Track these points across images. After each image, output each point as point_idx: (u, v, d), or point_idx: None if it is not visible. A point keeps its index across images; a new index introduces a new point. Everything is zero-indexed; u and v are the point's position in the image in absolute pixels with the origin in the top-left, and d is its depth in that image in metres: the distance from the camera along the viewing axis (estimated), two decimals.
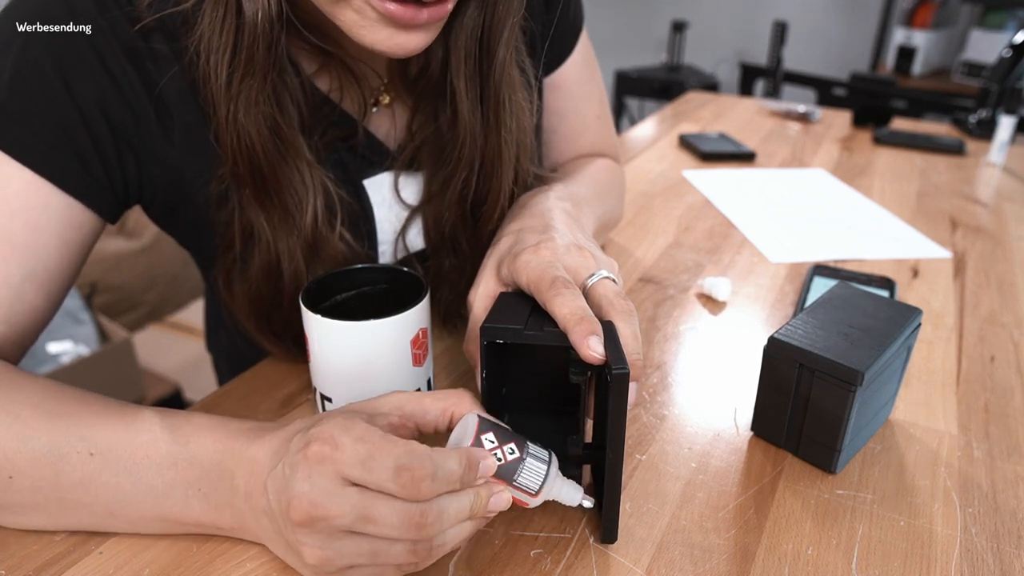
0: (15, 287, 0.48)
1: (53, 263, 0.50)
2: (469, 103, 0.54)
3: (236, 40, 0.46)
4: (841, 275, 0.72)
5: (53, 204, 0.49)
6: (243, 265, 0.54)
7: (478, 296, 0.49)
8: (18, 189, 0.48)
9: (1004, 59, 1.23)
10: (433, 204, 0.59)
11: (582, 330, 0.40)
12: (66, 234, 0.50)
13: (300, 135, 0.51)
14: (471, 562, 0.41)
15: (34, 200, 0.48)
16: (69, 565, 0.40)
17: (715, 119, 1.33)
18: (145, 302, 2.25)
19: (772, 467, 0.49)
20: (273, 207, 0.52)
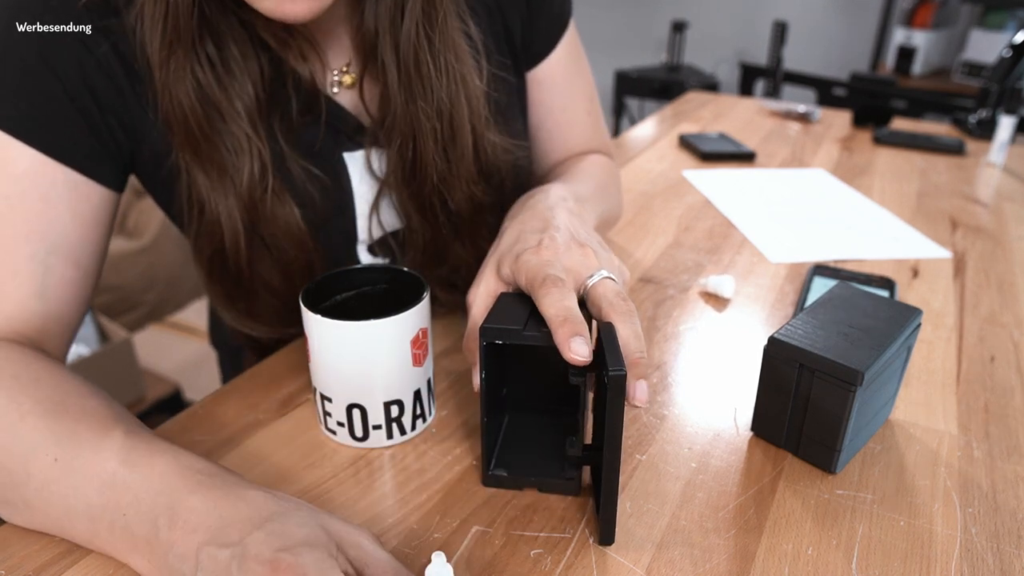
0: (41, 261, 0.50)
1: (73, 236, 0.52)
2: (395, 71, 0.55)
3: (166, 10, 0.48)
4: (841, 275, 0.72)
5: (60, 179, 0.51)
6: (197, 239, 0.56)
7: (478, 295, 0.49)
8: (26, 168, 0.50)
9: (1004, 59, 1.23)
10: (403, 180, 0.59)
11: (565, 331, 0.40)
12: (78, 207, 0.52)
13: (237, 100, 0.53)
14: (471, 562, 0.41)
15: (42, 177, 0.50)
16: (69, 565, 0.40)
17: (715, 119, 1.33)
18: (145, 302, 2.25)
19: (772, 467, 0.49)
20: (211, 167, 0.53)
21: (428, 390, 0.51)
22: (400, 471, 0.48)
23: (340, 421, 0.49)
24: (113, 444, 0.40)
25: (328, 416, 0.49)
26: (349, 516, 0.44)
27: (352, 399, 0.48)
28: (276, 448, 0.49)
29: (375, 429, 0.49)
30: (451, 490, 0.46)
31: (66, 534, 0.41)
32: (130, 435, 0.41)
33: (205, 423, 0.52)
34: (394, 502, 0.45)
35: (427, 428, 0.52)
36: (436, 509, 0.44)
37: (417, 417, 0.50)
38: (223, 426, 0.51)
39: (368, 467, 0.48)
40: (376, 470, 0.48)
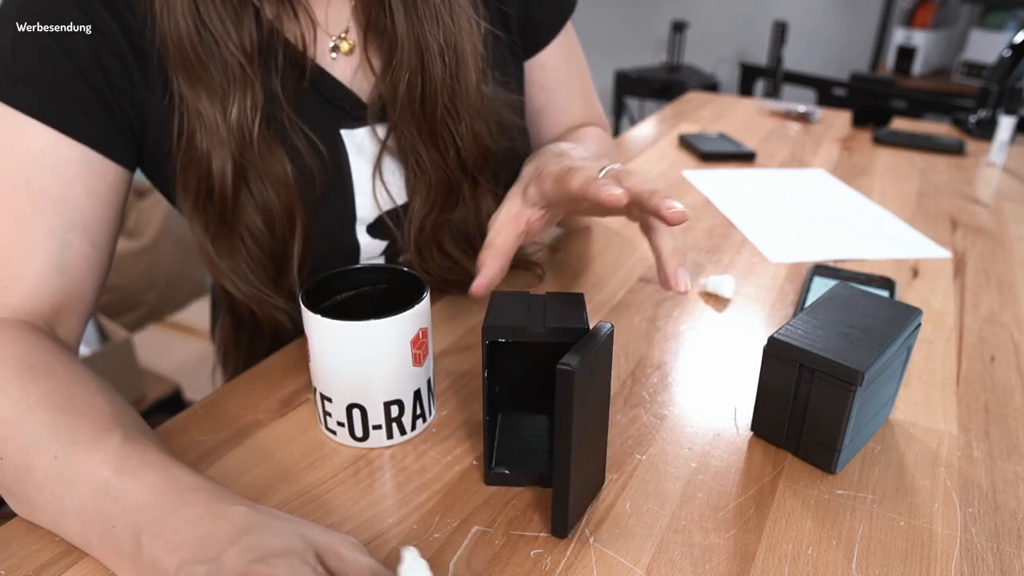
0: (59, 236, 0.52)
1: (88, 213, 0.53)
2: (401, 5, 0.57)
3: None
4: (841, 275, 0.72)
5: (75, 157, 0.52)
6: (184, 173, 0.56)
7: (500, 216, 0.55)
8: (43, 147, 0.51)
9: (1004, 59, 1.23)
10: (411, 114, 0.60)
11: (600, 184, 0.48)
12: (93, 185, 0.54)
13: (233, 33, 0.54)
14: (471, 562, 0.41)
15: (58, 156, 0.52)
16: (69, 565, 0.40)
17: (715, 119, 1.33)
18: (145, 302, 2.25)
19: (772, 467, 0.49)
20: (202, 89, 0.54)
21: (428, 390, 0.51)
22: (400, 471, 0.48)
23: (340, 421, 0.49)
24: (109, 448, 0.40)
25: (328, 416, 0.49)
26: (349, 516, 0.44)
27: (352, 399, 0.48)
28: (276, 448, 0.49)
29: (375, 429, 0.49)
30: (451, 490, 0.46)
31: (63, 534, 0.41)
32: (127, 441, 0.41)
33: (205, 423, 0.52)
34: (394, 502, 0.45)
35: (427, 428, 0.52)
36: (436, 509, 0.44)
37: (417, 417, 0.50)
38: (223, 426, 0.51)
39: (368, 467, 0.48)
40: (376, 470, 0.48)
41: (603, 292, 0.71)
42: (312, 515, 0.44)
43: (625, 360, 0.60)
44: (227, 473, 0.47)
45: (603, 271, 0.75)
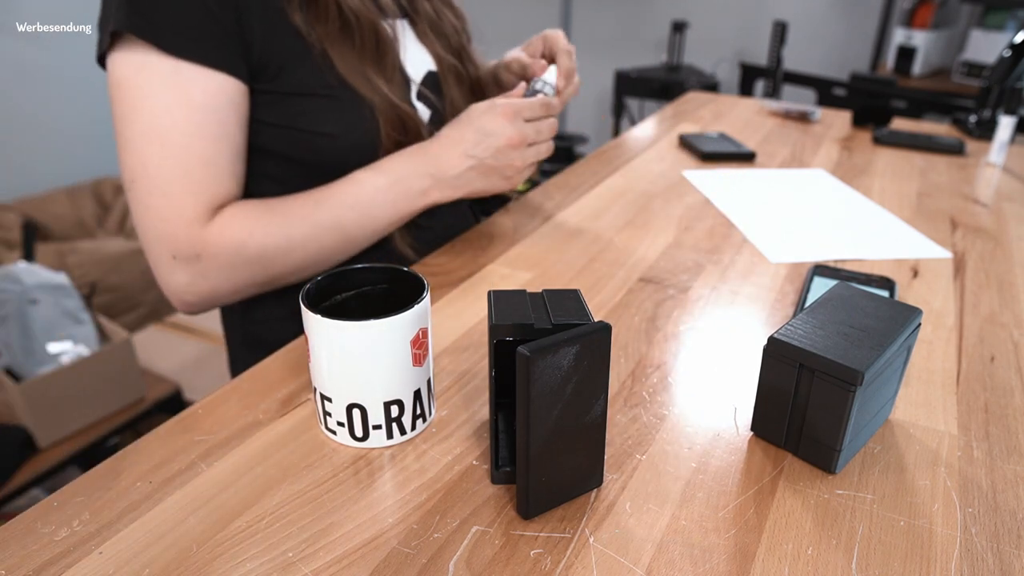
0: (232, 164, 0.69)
1: (239, 140, 0.69)
2: None
3: None
4: (841, 275, 0.72)
5: (227, 91, 0.66)
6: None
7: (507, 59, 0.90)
8: (204, 87, 0.64)
9: (1004, 59, 1.23)
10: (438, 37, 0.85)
11: None
12: (240, 111, 0.68)
13: None
14: (471, 562, 0.41)
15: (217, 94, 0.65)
16: (69, 565, 0.40)
17: (715, 119, 1.33)
18: (145, 302, 2.25)
19: (772, 467, 0.49)
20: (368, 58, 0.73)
21: (428, 390, 0.51)
22: (400, 471, 0.48)
23: (340, 421, 0.49)
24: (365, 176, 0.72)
25: (328, 416, 0.49)
26: (349, 516, 0.44)
27: (352, 399, 0.48)
28: (276, 448, 0.49)
29: (375, 429, 0.49)
30: (451, 490, 0.46)
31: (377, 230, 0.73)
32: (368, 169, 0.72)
33: (205, 423, 0.52)
34: (394, 502, 0.45)
35: (427, 428, 0.52)
36: (436, 509, 0.44)
37: (417, 417, 0.50)
38: (223, 426, 0.51)
39: (368, 467, 0.48)
40: (376, 470, 0.48)
41: (603, 292, 0.71)
42: (312, 515, 0.44)
43: (625, 360, 0.60)
44: (227, 473, 0.47)
45: (603, 271, 0.75)
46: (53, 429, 1.54)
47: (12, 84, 2.26)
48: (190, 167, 0.65)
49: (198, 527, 0.43)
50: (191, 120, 0.64)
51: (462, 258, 0.77)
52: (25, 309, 1.54)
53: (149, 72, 0.63)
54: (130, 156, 0.65)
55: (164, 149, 0.64)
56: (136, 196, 0.66)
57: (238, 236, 0.67)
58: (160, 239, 0.66)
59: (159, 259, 0.67)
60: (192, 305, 0.70)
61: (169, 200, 0.65)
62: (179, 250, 0.66)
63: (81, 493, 0.45)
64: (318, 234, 0.70)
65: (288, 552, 0.41)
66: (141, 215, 0.67)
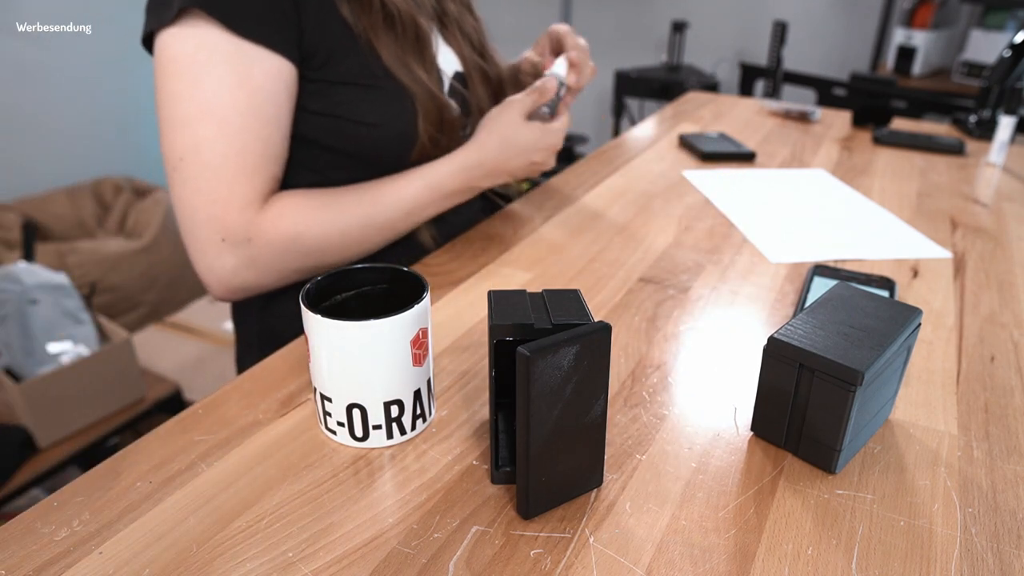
0: (281, 151, 0.69)
1: (288, 125, 0.70)
2: None
3: None
4: (841, 275, 0.72)
5: (284, 75, 0.67)
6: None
7: None
8: (264, 69, 0.65)
9: (1004, 59, 1.23)
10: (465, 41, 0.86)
11: None
12: (292, 97, 0.69)
13: None
14: (471, 562, 0.41)
15: (276, 77, 0.66)
16: (69, 565, 0.40)
17: (715, 119, 1.33)
18: (145, 302, 2.25)
19: (772, 467, 0.49)
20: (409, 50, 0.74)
21: (428, 390, 0.51)
22: (400, 471, 0.48)
23: (340, 421, 0.49)
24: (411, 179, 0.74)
25: (328, 416, 0.49)
26: (349, 516, 0.44)
27: (352, 399, 0.48)
28: (276, 448, 0.49)
29: (375, 429, 0.49)
30: (451, 490, 0.46)
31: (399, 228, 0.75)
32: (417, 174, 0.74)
33: (205, 423, 0.52)
34: (394, 502, 0.45)
35: (427, 428, 0.52)
36: (436, 509, 0.44)
37: (417, 417, 0.50)
38: (223, 426, 0.51)
39: (368, 467, 0.48)
40: (376, 470, 0.48)
41: (603, 292, 0.71)
42: (312, 515, 0.44)
43: (625, 360, 0.60)
44: (227, 473, 0.47)
45: (603, 271, 0.75)
46: (53, 429, 1.54)
47: (12, 84, 2.26)
48: (247, 149, 0.65)
49: (198, 527, 0.43)
50: (250, 102, 0.64)
51: (462, 258, 0.77)
52: (25, 309, 1.54)
53: (211, 50, 0.63)
54: (181, 134, 0.64)
55: (221, 128, 0.64)
56: (184, 176, 0.65)
57: (294, 227, 0.68)
58: (209, 221, 0.65)
59: (206, 242, 0.66)
60: (234, 291, 0.70)
61: (222, 182, 0.64)
62: (230, 233, 0.66)
63: (81, 493, 0.45)
64: (370, 235, 0.72)
65: (288, 552, 0.41)
66: (189, 196, 0.65)
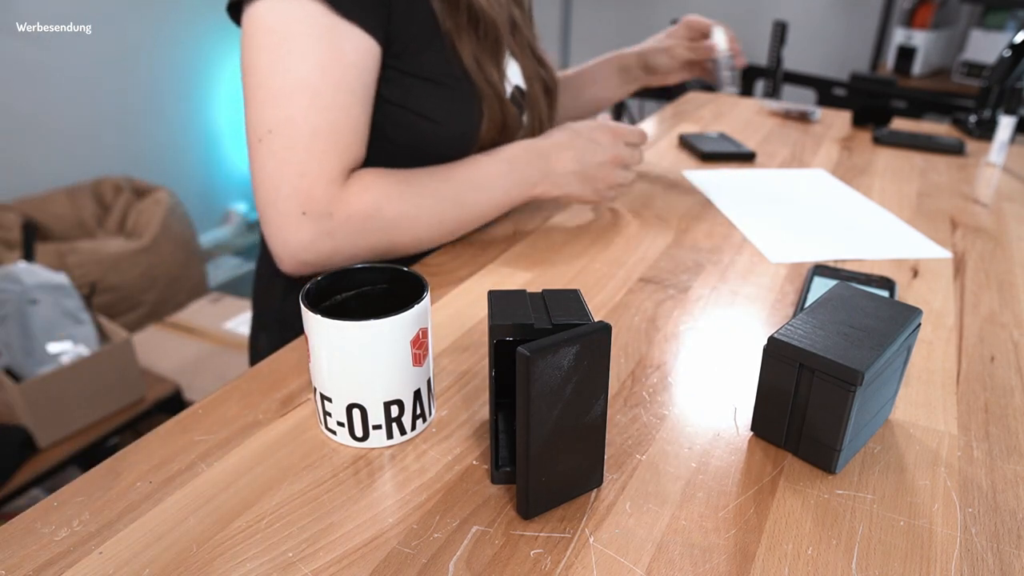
0: (366, 129, 0.70)
1: (371, 103, 0.70)
2: None
3: None
4: (841, 275, 0.72)
5: (374, 55, 0.68)
6: None
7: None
8: (357, 47, 0.66)
9: (1004, 59, 1.23)
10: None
11: None
12: (376, 77, 0.70)
13: None
14: (471, 562, 0.41)
15: (366, 56, 0.67)
16: (69, 565, 0.40)
17: (715, 119, 1.33)
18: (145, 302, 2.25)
19: (772, 467, 0.49)
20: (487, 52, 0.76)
21: (428, 390, 0.51)
22: (400, 471, 0.48)
23: (340, 421, 0.49)
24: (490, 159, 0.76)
25: (328, 416, 0.49)
26: (349, 516, 0.44)
27: (352, 399, 0.48)
28: (276, 448, 0.49)
29: (375, 429, 0.49)
30: (451, 490, 0.46)
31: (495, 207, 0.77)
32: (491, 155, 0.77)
33: (205, 423, 0.52)
34: (394, 502, 0.45)
35: (427, 428, 0.52)
36: (436, 509, 0.44)
37: (417, 417, 0.50)
38: (223, 426, 0.51)
39: (368, 467, 0.48)
40: (376, 470, 0.48)
41: (603, 292, 0.71)
42: (312, 515, 0.44)
43: (625, 360, 0.60)
44: (227, 473, 0.47)
45: (603, 271, 0.75)
46: (53, 429, 1.54)
47: (12, 84, 2.26)
48: (338, 125, 0.66)
49: (198, 527, 0.43)
50: (343, 78, 0.65)
51: (462, 258, 0.77)
52: (25, 309, 1.54)
53: (309, 24, 0.63)
54: (271, 108, 0.64)
55: (314, 103, 0.64)
56: (271, 148, 0.65)
57: (375, 201, 0.68)
58: (294, 194, 0.66)
59: (286, 214, 0.66)
60: (306, 264, 0.69)
61: (313, 156, 0.65)
62: (312, 207, 0.66)
63: (81, 493, 0.45)
64: (443, 208, 0.73)
65: (288, 552, 0.41)
66: (274, 168, 0.65)
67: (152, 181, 2.53)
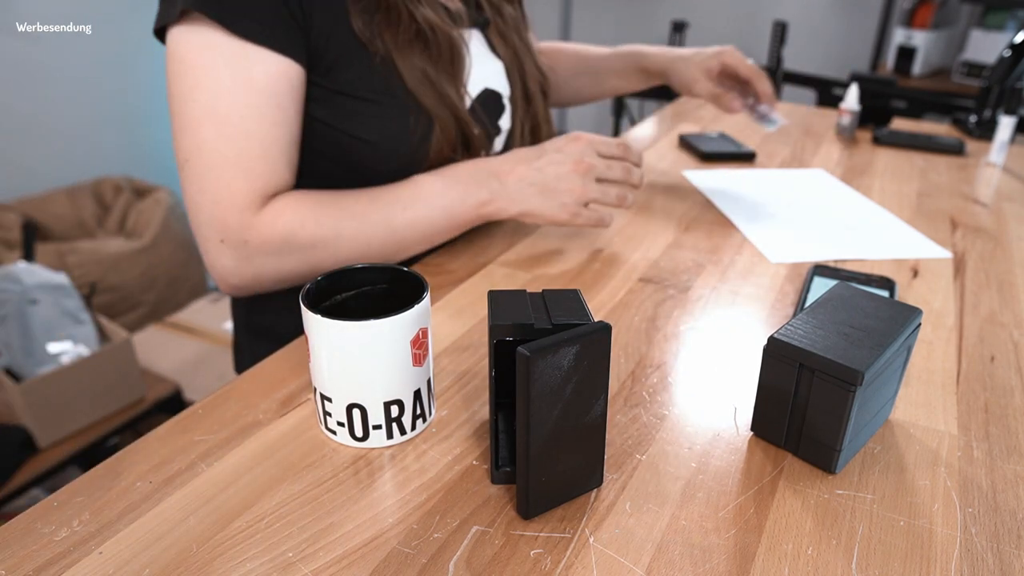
0: (287, 151, 0.68)
1: (296, 127, 0.69)
2: None
3: None
4: (841, 275, 0.72)
5: (289, 76, 0.66)
6: None
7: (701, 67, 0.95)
8: (267, 70, 0.64)
9: (1004, 59, 1.23)
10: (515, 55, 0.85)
11: None
12: (300, 99, 0.68)
13: None
14: (471, 562, 0.41)
15: (279, 78, 0.65)
16: (69, 565, 0.40)
17: (715, 119, 1.33)
18: (145, 302, 2.25)
19: (772, 467, 0.49)
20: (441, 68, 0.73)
21: (428, 390, 0.51)
22: (400, 471, 0.48)
23: (340, 421, 0.49)
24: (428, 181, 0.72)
25: (328, 416, 0.49)
26: (349, 516, 0.44)
27: (352, 399, 0.48)
28: (276, 448, 0.49)
29: (375, 429, 0.49)
30: (451, 490, 0.46)
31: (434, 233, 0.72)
32: (433, 175, 0.73)
33: (205, 423, 0.52)
34: (394, 502, 0.45)
35: (427, 428, 0.52)
36: (436, 509, 0.44)
37: (417, 417, 0.50)
38: (223, 426, 0.51)
39: (368, 467, 0.48)
40: (376, 470, 0.48)
41: (603, 292, 0.71)
42: (312, 515, 0.44)
43: (625, 360, 0.60)
44: (227, 473, 0.47)
45: (603, 271, 0.75)
46: (53, 429, 1.54)
47: (12, 84, 2.26)
48: (246, 151, 0.65)
49: (198, 527, 0.43)
50: (251, 103, 0.64)
51: (462, 258, 0.77)
52: (25, 309, 1.54)
53: (213, 52, 0.63)
54: (185, 136, 0.64)
55: (221, 130, 0.64)
56: (189, 176, 0.65)
57: (288, 226, 0.67)
58: (210, 222, 0.66)
59: (207, 241, 0.67)
60: (236, 288, 0.71)
61: (222, 183, 0.65)
62: (227, 235, 0.66)
63: (81, 493, 0.45)
64: (367, 231, 0.69)
65: (288, 552, 0.41)
66: (192, 196, 0.66)
67: (152, 181, 2.53)
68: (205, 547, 0.41)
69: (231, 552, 0.41)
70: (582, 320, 0.43)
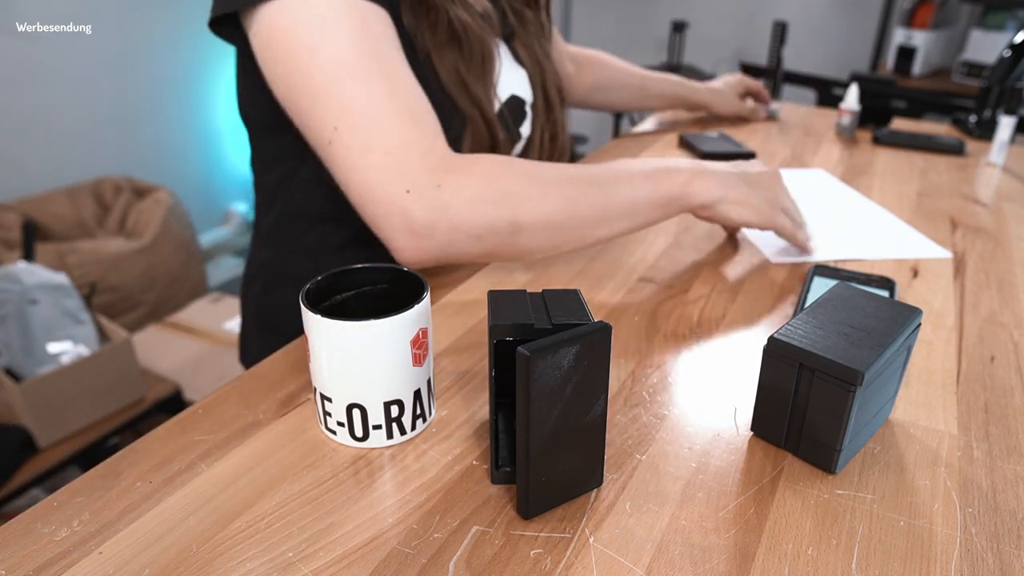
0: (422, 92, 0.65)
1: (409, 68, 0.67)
2: None
3: None
4: (841, 275, 0.72)
5: (391, 24, 0.64)
6: None
7: None
8: (379, 18, 0.63)
9: (1004, 59, 1.23)
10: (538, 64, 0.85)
11: None
12: None
13: None
14: (471, 562, 0.41)
15: (387, 25, 0.64)
16: (69, 565, 0.40)
17: (715, 119, 1.33)
18: (145, 302, 2.25)
19: (772, 467, 0.49)
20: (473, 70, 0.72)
21: (428, 390, 0.51)
22: (400, 471, 0.48)
23: (340, 421, 0.49)
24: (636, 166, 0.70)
25: (328, 416, 0.49)
26: (349, 516, 0.44)
27: (352, 399, 0.48)
28: (276, 448, 0.49)
29: (375, 429, 0.49)
30: (451, 490, 0.46)
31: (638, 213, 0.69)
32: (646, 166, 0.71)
33: (205, 423, 0.52)
34: (394, 502, 0.45)
35: (427, 428, 0.52)
36: (436, 509, 0.44)
37: (417, 417, 0.50)
38: (223, 426, 0.51)
39: (368, 467, 0.48)
40: (376, 470, 0.48)
41: (603, 292, 0.71)
42: (312, 515, 0.44)
43: (625, 360, 0.60)
44: (227, 473, 0.47)
45: (603, 271, 0.75)
46: (53, 429, 1.54)
47: (12, 84, 2.26)
48: (397, 94, 0.61)
49: (198, 527, 0.43)
50: (378, 51, 0.61)
51: None
52: (25, 309, 1.54)
53: (323, 8, 0.59)
54: (323, 105, 0.60)
55: (364, 82, 0.60)
56: (346, 143, 0.60)
57: (490, 169, 0.62)
58: (388, 177, 0.60)
59: (390, 203, 0.60)
60: (425, 252, 0.62)
61: (390, 130, 0.60)
62: (415, 181, 0.60)
63: (81, 493, 0.45)
64: (576, 187, 0.64)
65: (288, 552, 0.41)
66: (355, 162, 0.60)
67: (152, 181, 2.53)
68: (205, 547, 0.41)
69: (231, 552, 0.41)
70: (582, 320, 0.43)
